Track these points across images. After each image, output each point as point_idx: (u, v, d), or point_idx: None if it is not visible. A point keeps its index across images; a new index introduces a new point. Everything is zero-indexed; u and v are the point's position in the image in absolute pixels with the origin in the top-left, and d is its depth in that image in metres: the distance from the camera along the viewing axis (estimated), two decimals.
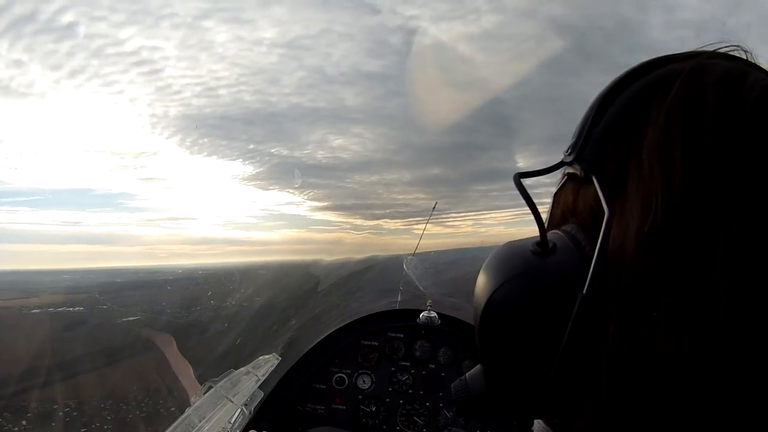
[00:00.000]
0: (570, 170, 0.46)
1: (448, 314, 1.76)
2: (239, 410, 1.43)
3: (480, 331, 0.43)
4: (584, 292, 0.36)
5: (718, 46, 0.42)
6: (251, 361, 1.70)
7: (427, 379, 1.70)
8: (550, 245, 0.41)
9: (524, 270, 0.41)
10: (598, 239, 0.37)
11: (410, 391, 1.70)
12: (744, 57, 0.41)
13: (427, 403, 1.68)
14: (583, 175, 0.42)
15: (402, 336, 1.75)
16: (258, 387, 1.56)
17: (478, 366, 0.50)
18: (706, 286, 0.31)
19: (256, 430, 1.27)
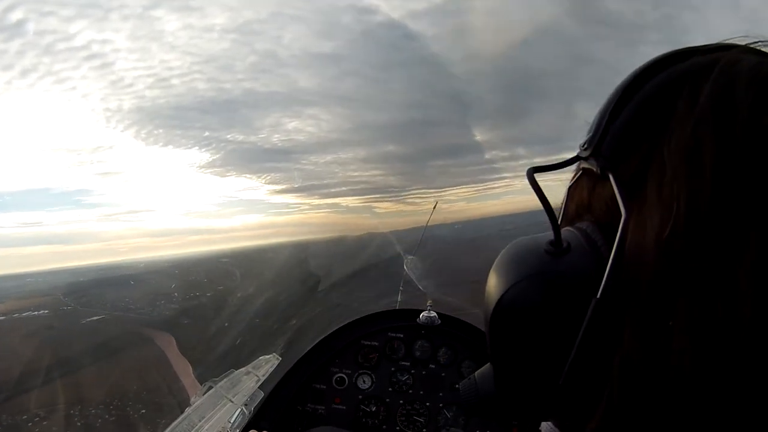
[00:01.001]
0: (586, 165, 0.44)
1: (448, 314, 1.76)
2: (239, 410, 1.43)
3: (490, 330, 0.42)
4: (599, 296, 0.35)
5: (743, 39, 0.39)
6: (251, 361, 1.69)
7: (427, 379, 1.70)
8: (564, 244, 0.39)
9: (537, 270, 0.39)
10: (614, 239, 0.36)
11: (410, 391, 1.69)
12: None
13: (427, 403, 1.68)
14: (599, 171, 0.40)
15: (402, 336, 1.75)
16: (258, 387, 1.56)
17: (488, 365, 0.49)
18: (728, 298, 0.29)
19: (256, 430, 1.26)
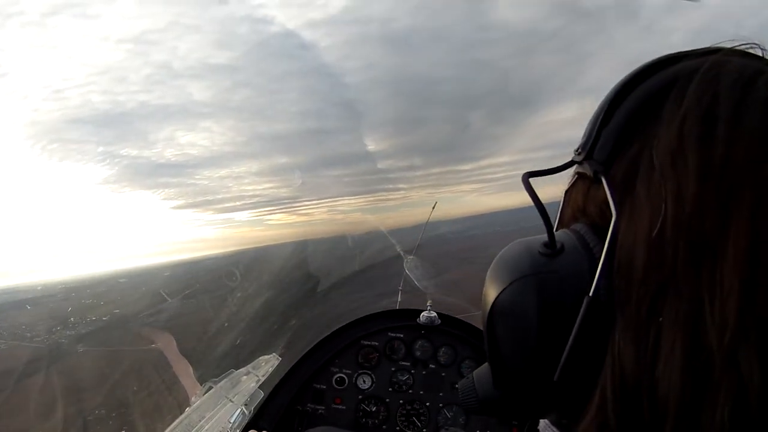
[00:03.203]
0: (580, 169, 0.45)
1: (448, 314, 1.76)
2: (239, 410, 1.43)
3: (487, 330, 0.43)
4: (590, 294, 0.36)
5: (733, 43, 0.40)
6: (251, 361, 1.70)
7: (427, 379, 1.70)
8: (559, 245, 0.40)
9: (531, 271, 0.40)
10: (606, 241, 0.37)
11: (410, 391, 1.70)
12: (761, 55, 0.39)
13: (427, 403, 1.68)
14: (592, 175, 0.41)
15: (402, 336, 1.75)
16: (258, 387, 1.56)
17: (485, 365, 0.50)
18: (714, 294, 0.30)
19: (256, 430, 1.26)
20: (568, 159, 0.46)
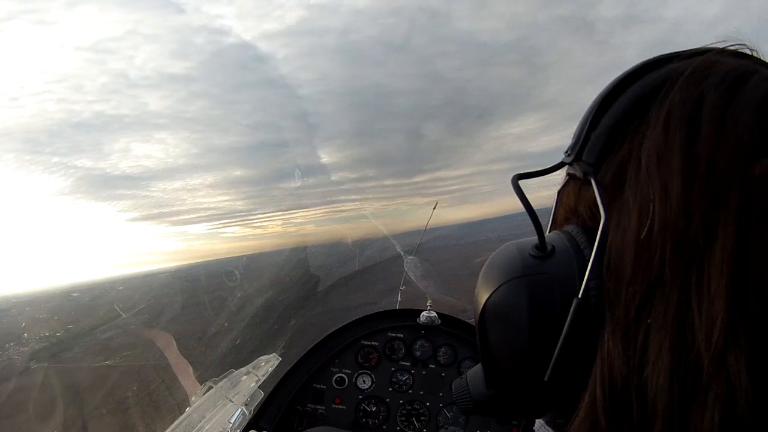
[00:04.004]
0: (571, 171, 0.45)
1: (448, 314, 1.76)
2: (239, 410, 1.43)
3: (479, 331, 0.44)
4: (579, 296, 0.36)
5: (723, 44, 0.40)
6: (251, 361, 1.70)
7: (427, 379, 1.70)
8: (549, 247, 0.41)
9: (521, 273, 0.40)
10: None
11: (410, 391, 1.70)
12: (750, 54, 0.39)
13: (427, 403, 1.68)
14: (582, 176, 0.41)
15: (402, 336, 1.75)
16: (258, 387, 1.56)
17: (479, 365, 0.50)
18: (702, 297, 0.30)
19: (256, 430, 1.27)
20: (528, 170, 0.46)
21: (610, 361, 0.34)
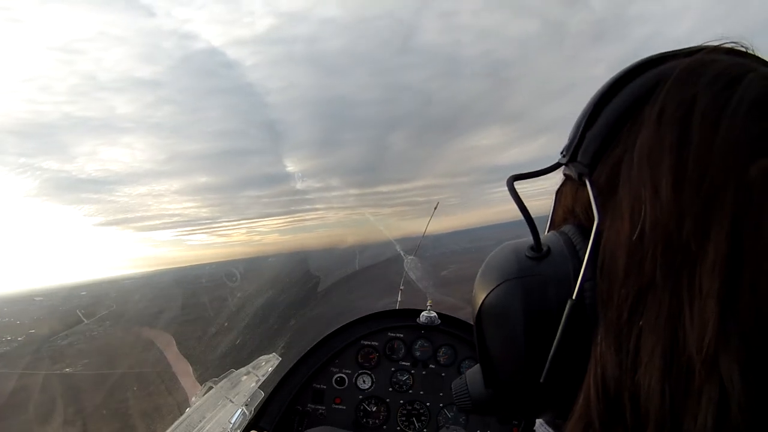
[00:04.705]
0: (566, 171, 0.45)
1: (448, 314, 1.76)
2: (239, 410, 1.43)
3: (476, 331, 0.44)
4: (573, 298, 0.36)
5: (719, 42, 0.40)
6: (251, 361, 1.70)
7: (427, 379, 1.70)
8: (545, 248, 0.41)
9: (517, 274, 0.40)
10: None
11: (410, 391, 1.70)
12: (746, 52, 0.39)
13: (427, 403, 1.68)
14: (577, 177, 0.41)
15: (402, 336, 1.75)
16: (258, 387, 1.56)
17: (478, 365, 0.51)
18: (694, 299, 0.30)
19: (256, 430, 1.27)
20: (502, 179, 0.46)
21: (603, 362, 0.34)
